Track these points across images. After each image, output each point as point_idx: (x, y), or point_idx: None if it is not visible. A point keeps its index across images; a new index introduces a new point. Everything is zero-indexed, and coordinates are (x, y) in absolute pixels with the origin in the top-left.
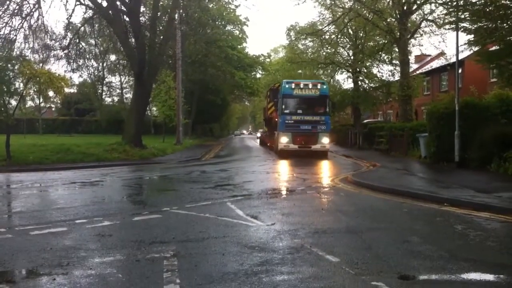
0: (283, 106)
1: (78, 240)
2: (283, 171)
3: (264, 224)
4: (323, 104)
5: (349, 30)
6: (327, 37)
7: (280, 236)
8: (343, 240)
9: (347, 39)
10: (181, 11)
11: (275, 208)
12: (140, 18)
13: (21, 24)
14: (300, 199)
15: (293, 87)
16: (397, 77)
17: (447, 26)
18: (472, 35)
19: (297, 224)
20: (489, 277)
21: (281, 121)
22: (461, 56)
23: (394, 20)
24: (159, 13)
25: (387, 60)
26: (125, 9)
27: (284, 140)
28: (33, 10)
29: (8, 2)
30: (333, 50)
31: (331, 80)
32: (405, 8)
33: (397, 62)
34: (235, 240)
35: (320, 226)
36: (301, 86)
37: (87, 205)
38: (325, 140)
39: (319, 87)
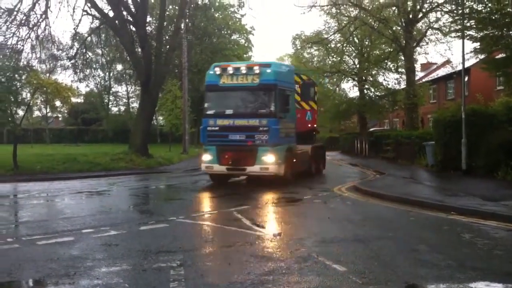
0: (206, 105)
1: (84, 249)
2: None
3: (270, 233)
4: (266, 100)
5: (355, 38)
6: (332, 45)
7: (286, 245)
8: (350, 249)
9: (352, 47)
10: (187, 20)
11: (281, 217)
12: (147, 28)
13: (28, 35)
14: (307, 208)
15: (218, 72)
16: (403, 85)
17: (453, 34)
18: (478, 43)
19: (303, 233)
20: (497, 286)
21: (202, 128)
22: (467, 64)
23: (399, 28)
24: (165, 23)
25: (393, 68)
26: (131, 19)
27: (206, 157)
28: (40, 21)
29: (15, 13)
30: (339, 58)
31: (337, 88)
32: (410, 16)
33: (403, 70)
34: (242, 249)
35: (327, 235)
36: (230, 71)
37: (94, 215)
38: (270, 159)
39: (257, 71)
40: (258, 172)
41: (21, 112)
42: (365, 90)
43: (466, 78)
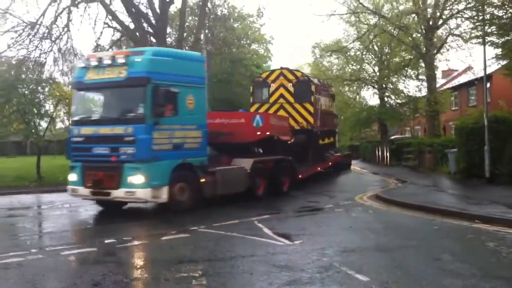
0: (72, 109)
1: (107, 260)
2: (311, 188)
3: (292, 242)
4: (136, 99)
5: (374, 46)
6: (352, 53)
7: (308, 254)
8: (373, 258)
9: (372, 55)
10: (206, 31)
11: (302, 226)
12: (167, 39)
13: (50, 47)
14: (328, 217)
15: (83, 66)
16: (424, 92)
17: (473, 41)
18: (500, 49)
19: (325, 243)
20: None
21: (67, 140)
22: (489, 70)
23: (419, 35)
24: (185, 34)
25: (413, 75)
26: (151, 31)
27: (71, 177)
28: (62, 34)
29: (38, 26)
30: (359, 66)
31: (357, 96)
32: (430, 23)
33: (424, 77)
34: (263, 259)
35: (348, 244)
36: (94, 62)
37: (117, 224)
38: (137, 180)
39: (123, 60)
40: (124, 197)
41: (44, 124)
42: (385, 98)
43: (488, 85)
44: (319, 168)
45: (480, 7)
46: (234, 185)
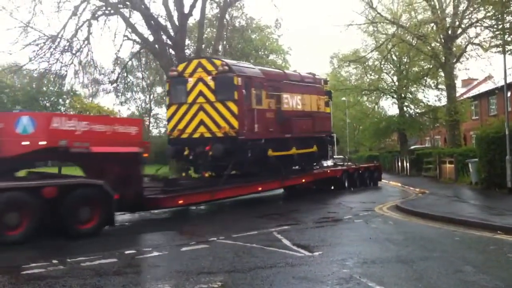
0: None
1: (128, 271)
2: (330, 199)
3: (311, 253)
4: None
5: (393, 56)
6: (370, 63)
7: (328, 266)
8: (393, 270)
9: (391, 65)
10: (224, 42)
11: (322, 237)
12: (186, 51)
13: (71, 60)
14: (347, 228)
15: None
16: (443, 102)
17: (493, 50)
18: None
19: (345, 254)
20: None
21: None
22: (509, 79)
23: (438, 44)
24: (203, 45)
25: (432, 85)
26: (170, 43)
27: None
28: (82, 46)
29: (59, 39)
30: (377, 76)
31: (376, 106)
32: (449, 32)
33: (443, 86)
34: (283, 270)
35: (368, 255)
36: None
37: (137, 235)
38: None
39: None
40: None
41: None
42: (404, 108)
43: (509, 94)
44: (274, 186)
45: (499, 15)
46: None
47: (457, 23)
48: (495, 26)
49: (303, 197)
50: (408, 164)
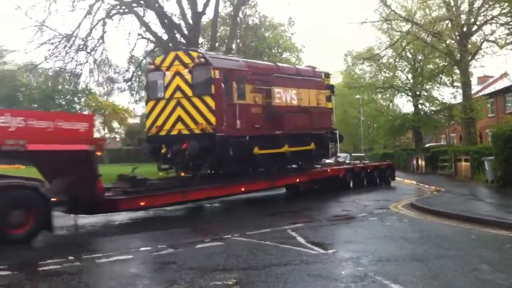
0: None
1: (143, 268)
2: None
3: (326, 251)
4: None
5: (407, 53)
6: (384, 61)
7: (342, 264)
8: (408, 268)
9: (405, 62)
10: (238, 40)
11: (336, 235)
12: (199, 49)
13: (86, 59)
14: (362, 226)
15: None
16: (459, 99)
17: (509, 47)
18: None
19: (359, 252)
20: None
21: None
22: None
23: (453, 42)
24: (217, 44)
25: (448, 82)
26: (184, 41)
27: None
28: (97, 45)
29: (73, 38)
30: (391, 74)
31: (390, 104)
32: (464, 29)
33: (459, 84)
34: (297, 268)
35: (383, 253)
36: None
37: (152, 232)
38: None
39: None
40: None
41: None
42: (419, 105)
43: None
44: (261, 186)
45: None
46: None
47: (472, 20)
48: (511, 23)
49: (315, 196)
50: (423, 162)
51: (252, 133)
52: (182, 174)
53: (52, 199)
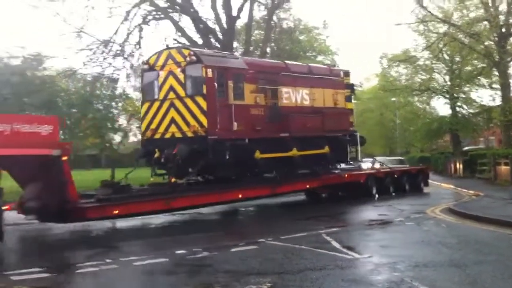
0: None
1: (178, 270)
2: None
3: (361, 256)
4: None
5: (444, 55)
6: (421, 63)
7: (378, 269)
8: (446, 274)
9: (442, 64)
10: (272, 44)
11: (372, 239)
12: (234, 53)
13: (123, 64)
14: (398, 231)
15: None
16: (498, 101)
17: None
18: None
19: (396, 257)
20: None
21: None
22: None
23: (492, 43)
24: (251, 47)
25: (486, 84)
26: (219, 45)
27: None
28: (133, 50)
29: (111, 44)
30: (428, 76)
31: (427, 106)
32: (503, 30)
33: (498, 86)
34: (332, 272)
35: (420, 259)
36: None
37: (187, 235)
38: None
39: None
40: None
41: (118, 138)
42: (457, 108)
43: None
44: (262, 192)
45: None
46: None
47: (511, 20)
48: None
49: (349, 199)
50: (461, 166)
51: (252, 135)
52: (173, 180)
53: (3, 208)
